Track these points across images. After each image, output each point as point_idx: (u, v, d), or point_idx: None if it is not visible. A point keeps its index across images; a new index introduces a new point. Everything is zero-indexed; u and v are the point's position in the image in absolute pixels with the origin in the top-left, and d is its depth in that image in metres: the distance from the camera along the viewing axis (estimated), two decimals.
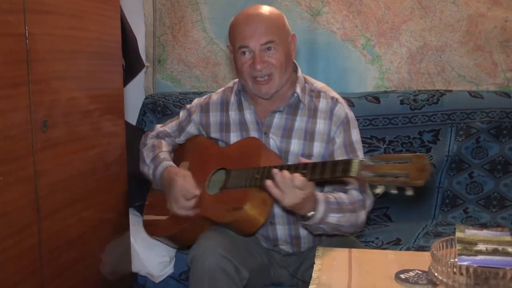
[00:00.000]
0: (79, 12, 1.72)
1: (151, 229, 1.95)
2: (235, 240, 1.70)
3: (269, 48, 1.68)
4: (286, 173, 1.51)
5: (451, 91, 2.45)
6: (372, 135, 2.40)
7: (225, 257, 1.59)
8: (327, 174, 1.47)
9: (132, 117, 2.60)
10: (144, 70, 2.77)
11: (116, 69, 1.99)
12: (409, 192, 1.28)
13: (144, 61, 2.76)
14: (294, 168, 1.53)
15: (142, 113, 2.58)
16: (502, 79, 2.53)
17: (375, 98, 2.42)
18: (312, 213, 1.58)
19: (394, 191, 1.31)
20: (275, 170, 1.53)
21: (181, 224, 1.80)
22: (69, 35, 1.68)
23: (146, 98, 2.63)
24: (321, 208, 1.58)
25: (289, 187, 1.50)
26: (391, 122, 2.39)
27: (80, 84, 1.75)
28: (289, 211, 1.69)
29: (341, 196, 1.66)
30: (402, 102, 2.40)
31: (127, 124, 2.18)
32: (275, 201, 1.59)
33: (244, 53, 1.70)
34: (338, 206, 1.62)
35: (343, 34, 2.61)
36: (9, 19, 1.42)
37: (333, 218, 1.61)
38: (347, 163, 1.42)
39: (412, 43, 2.57)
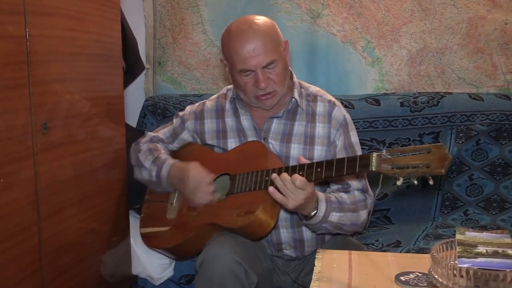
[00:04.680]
0: (79, 14, 1.73)
1: (152, 241, 1.91)
2: (245, 245, 1.69)
3: (270, 67, 1.67)
4: (285, 175, 1.52)
5: (451, 93, 2.45)
6: (372, 137, 2.40)
7: (237, 261, 1.57)
8: (344, 170, 1.48)
9: (132, 119, 2.60)
10: (144, 72, 2.78)
11: (116, 71, 1.99)
12: (430, 182, 1.31)
13: (145, 63, 2.76)
14: (308, 167, 1.53)
15: (143, 115, 2.58)
16: (502, 82, 2.53)
17: (375, 100, 2.43)
18: (315, 212, 1.59)
19: (415, 181, 1.34)
20: (274, 175, 1.54)
21: (187, 233, 1.77)
22: (70, 37, 1.69)
23: (146, 100, 2.63)
24: (322, 207, 1.60)
25: (291, 190, 1.51)
26: (391, 125, 2.39)
27: (80, 86, 1.75)
28: (292, 212, 1.69)
29: (342, 195, 1.68)
30: (402, 104, 2.40)
31: (127, 127, 2.18)
32: (280, 205, 1.60)
33: (246, 75, 1.68)
34: (339, 205, 1.64)
35: (343, 37, 2.61)
36: (10, 20, 1.42)
37: (334, 216, 1.62)
38: (365, 158, 1.43)
39: (412, 45, 2.57)
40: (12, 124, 1.43)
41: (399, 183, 1.36)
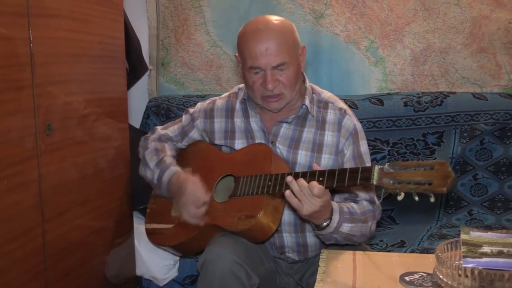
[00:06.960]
0: (83, 16, 1.73)
1: (156, 238, 1.90)
2: (246, 246, 1.68)
3: (280, 69, 1.65)
4: (303, 181, 1.47)
5: (455, 93, 2.44)
6: (376, 137, 2.39)
7: (237, 262, 1.56)
8: (346, 181, 1.45)
9: (135, 120, 2.60)
10: (147, 73, 2.78)
11: (119, 72, 2.00)
12: (432, 199, 1.27)
13: (148, 64, 2.76)
14: (310, 176, 1.50)
15: (146, 116, 2.58)
16: (506, 81, 2.53)
17: (378, 100, 2.42)
18: (328, 222, 1.56)
19: (416, 198, 1.30)
20: (289, 178, 1.49)
21: (190, 233, 1.76)
22: (73, 38, 1.69)
23: (149, 101, 2.63)
24: (335, 217, 1.56)
25: (307, 196, 1.47)
26: (394, 124, 2.39)
27: (84, 87, 1.76)
28: (304, 220, 1.65)
29: (353, 206, 1.65)
30: (405, 104, 2.39)
31: (131, 128, 2.19)
32: (293, 210, 1.56)
33: (255, 73, 1.67)
34: (350, 215, 1.61)
35: (347, 37, 2.61)
36: (13, 22, 1.42)
37: (346, 227, 1.59)
38: (367, 171, 1.40)
39: (415, 45, 2.56)
40: (16, 125, 1.43)
41: (400, 198, 1.32)
